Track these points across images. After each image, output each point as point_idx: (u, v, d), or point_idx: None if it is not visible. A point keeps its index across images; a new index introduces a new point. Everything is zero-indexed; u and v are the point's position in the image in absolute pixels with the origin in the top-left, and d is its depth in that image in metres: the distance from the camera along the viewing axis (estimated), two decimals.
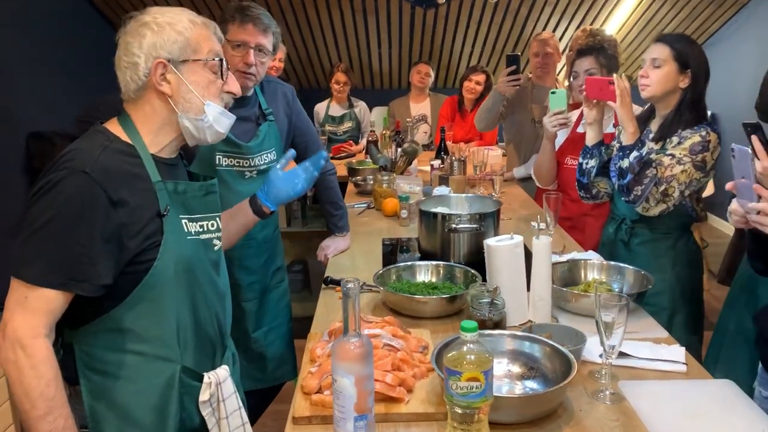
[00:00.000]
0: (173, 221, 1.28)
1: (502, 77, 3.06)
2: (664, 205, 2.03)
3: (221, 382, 1.35)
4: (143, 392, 1.26)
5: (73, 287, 1.17)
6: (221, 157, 2.03)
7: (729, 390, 1.35)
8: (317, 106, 4.93)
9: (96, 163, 1.18)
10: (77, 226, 1.16)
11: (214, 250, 1.39)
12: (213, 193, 1.39)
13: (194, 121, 1.30)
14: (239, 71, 1.97)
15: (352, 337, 1.06)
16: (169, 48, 1.25)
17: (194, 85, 1.28)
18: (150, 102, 1.28)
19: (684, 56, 2.01)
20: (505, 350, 1.41)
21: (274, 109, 2.16)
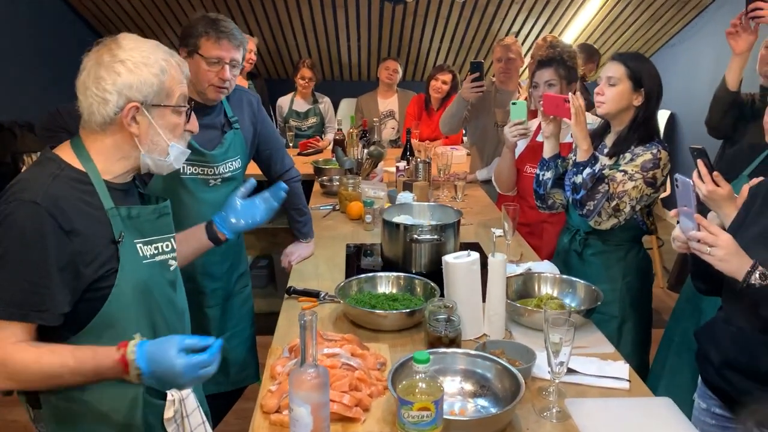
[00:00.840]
0: (128, 246, 1.30)
1: (465, 84, 3.11)
2: (615, 220, 2.11)
3: (184, 399, 1.38)
4: (107, 415, 1.28)
5: (34, 318, 1.18)
6: (186, 165, 2.03)
7: (667, 408, 1.43)
8: (280, 99, 4.91)
9: (46, 194, 1.19)
10: (32, 257, 1.17)
11: (170, 270, 1.42)
12: (167, 215, 1.42)
13: (156, 160, 1.32)
14: (214, 85, 1.98)
15: (309, 367, 1.11)
16: (144, 91, 1.26)
17: (162, 128, 1.31)
18: (113, 137, 1.29)
19: (638, 75, 2.09)
20: (458, 369, 1.48)
21: (239, 117, 2.17)
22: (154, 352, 1.22)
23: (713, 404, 1.65)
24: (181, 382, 1.25)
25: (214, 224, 1.67)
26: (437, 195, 3.19)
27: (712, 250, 1.43)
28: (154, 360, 1.21)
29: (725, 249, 1.41)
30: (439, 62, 6.18)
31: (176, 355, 1.21)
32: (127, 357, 1.21)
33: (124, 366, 1.21)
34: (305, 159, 4.13)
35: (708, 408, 1.67)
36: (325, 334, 1.61)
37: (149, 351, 1.22)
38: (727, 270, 1.42)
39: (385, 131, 4.83)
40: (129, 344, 1.22)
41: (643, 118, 2.11)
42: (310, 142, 4.51)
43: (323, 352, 1.47)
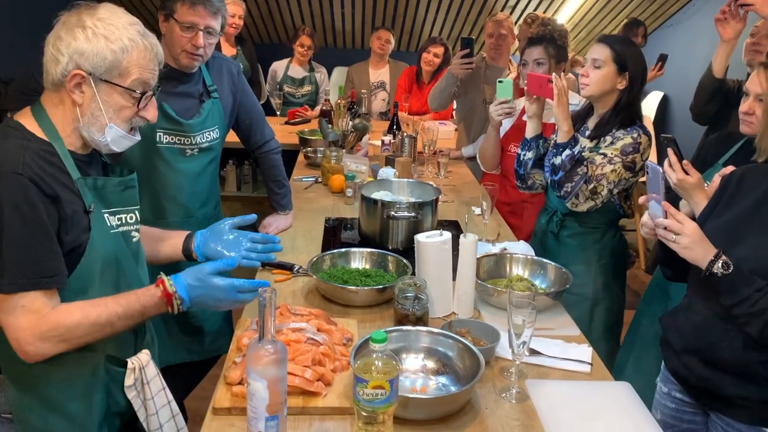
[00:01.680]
0: (97, 216, 1.30)
1: (455, 60, 3.09)
2: (592, 202, 2.12)
3: (144, 366, 1.39)
4: (68, 381, 1.30)
5: (48, 283, 1.20)
6: (161, 134, 2.02)
7: (625, 393, 1.46)
8: (275, 64, 4.86)
9: (24, 164, 1.18)
10: (30, 226, 1.17)
11: (133, 242, 1.43)
12: (132, 188, 1.41)
13: (93, 135, 1.29)
14: (186, 51, 1.96)
15: (266, 343, 1.12)
16: (94, 62, 1.23)
17: (105, 105, 1.27)
18: (63, 102, 1.28)
19: (623, 59, 2.08)
20: (421, 346, 1.50)
21: (219, 87, 2.15)
22: (191, 280, 1.33)
23: (674, 389, 1.68)
24: (222, 300, 1.36)
25: (192, 244, 1.63)
26: (421, 171, 3.19)
27: (677, 238, 1.44)
28: (193, 287, 1.33)
29: (690, 237, 1.43)
30: (433, 34, 6.11)
31: (213, 276, 1.34)
32: (168, 290, 1.30)
33: (167, 299, 1.31)
34: (291, 128, 4.11)
35: (669, 392, 1.70)
36: (292, 308, 1.62)
37: (187, 281, 1.33)
38: (691, 258, 1.44)
39: (376, 103, 4.80)
40: (164, 280, 1.32)
41: (626, 102, 2.11)
42: (298, 111, 4.48)
43: (289, 326, 1.49)
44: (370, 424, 1.15)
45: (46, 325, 1.20)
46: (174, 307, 1.32)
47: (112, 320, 1.26)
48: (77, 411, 1.31)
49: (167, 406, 1.44)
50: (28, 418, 1.29)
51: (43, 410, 1.29)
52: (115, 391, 1.36)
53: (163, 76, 1.97)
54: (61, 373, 1.29)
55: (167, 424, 1.42)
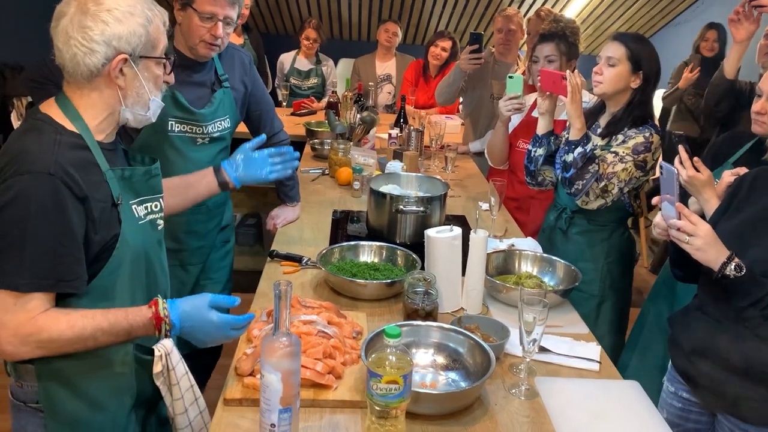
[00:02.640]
0: (126, 208, 1.30)
1: (463, 55, 3.08)
2: (602, 200, 2.12)
3: (169, 353, 1.40)
4: (98, 371, 1.29)
5: (64, 287, 1.19)
6: (173, 122, 2.01)
7: (634, 392, 1.46)
8: (282, 56, 4.85)
9: (56, 164, 1.17)
10: (55, 228, 1.16)
11: (158, 230, 1.43)
12: (157, 176, 1.41)
13: (137, 113, 1.31)
14: (205, 41, 1.94)
15: (281, 335, 1.12)
16: (133, 43, 1.23)
17: (146, 80, 1.29)
18: (99, 90, 1.26)
19: (638, 57, 2.07)
20: (431, 342, 1.50)
21: (230, 76, 2.14)
22: (188, 308, 1.29)
23: (681, 388, 1.68)
24: (213, 336, 1.31)
25: (225, 172, 1.69)
26: (428, 165, 3.18)
27: (690, 239, 1.44)
28: (188, 315, 1.28)
29: (703, 239, 1.43)
30: (441, 28, 6.10)
31: (210, 311, 1.30)
32: (159, 313, 1.26)
33: (157, 322, 1.26)
34: (298, 120, 4.10)
35: (675, 392, 1.70)
36: (303, 300, 1.62)
37: (182, 308, 1.29)
38: (703, 259, 1.44)
39: (382, 96, 4.78)
40: (159, 302, 1.27)
41: (639, 101, 2.11)
42: (304, 103, 4.47)
43: (300, 319, 1.49)
44: (383, 419, 1.15)
45: (32, 328, 1.18)
46: (161, 331, 1.27)
47: (96, 334, 1.22)
48: (107, 400, 1.31)
49: (191, 390, 1.45)
50: (57, 408, 1.28)
51: (75, 401, 1.28)
52: (144, 378, 1.36)
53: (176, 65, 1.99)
54: (93, 363, 1.28)
55: (191, 407, 1.43)
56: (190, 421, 1.41)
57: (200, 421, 1.44)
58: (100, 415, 1.31)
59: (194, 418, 1.42)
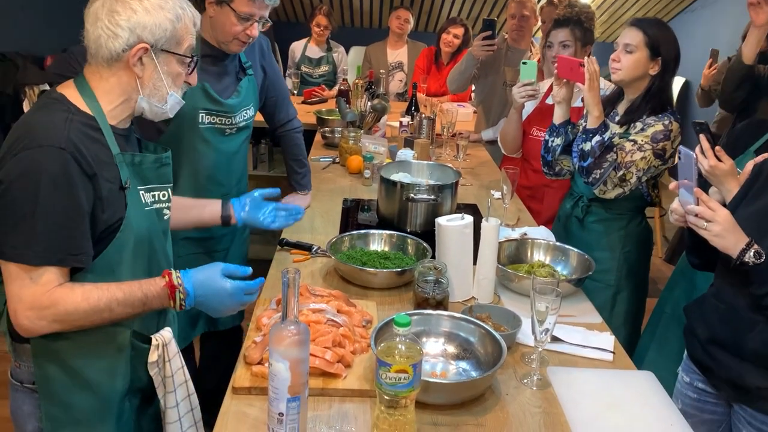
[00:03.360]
0: (133, 193, 1.30)
1: (476, 41, 3.04)
2: (620, 189, 2.09)
3: (167, 344, 1.39)
4: (94, 355, 1.29)
5: (71, 261, 1.19)
6: (204, 114, 2.01)
7: (648, 382, 1.44)
8: (293, 44, 4.83)
9: (67, 139, 1.17)
10: (64, 202, 1.17)
11: (164, 220, 1.42)
12: (167, 165, 1.41)
13: (153, 105, 1.31)
14: (239, 40, 1.93)
15: (289, 324, 1.10)
16: (157, 34, 1.24)
17: (166, 74, 1.30)
18: (117, 75, 1.27)
19: (656, 44, 2.02)
20: (442, 331, 1.48)
21: (252, 62, 2.15)
22: (201, 277, 1.30)
23: (696, 379, 1.66)
24: (227, 304, 1.32)
25: (233, 209, 1.72)
26: (439, 153, 3.15)
27: (708, 225, 1.41)
28: (201, 284, 1.29)
29: (722, 225, 1.39)
30: (453, 15, 6.04)
31: (223, 278, 1.30)
32: (173, 282, 1.27)
33: (171, 291, 1.27)
34: (309, 108, 4.08)
35: (691, 382, 1.68)
36: (312, 288, 1.60)
37: (196, 276, 1.30)
38: (722, 246, 1.41)
39: (393, 83, 4.75)
40: (171, 272, 1.29)
41: (657, 88, 2.06)
42: (315, 91, 4.44)
43: (309, 307, 1.47)
44: (392, 408, 1.13)
45: (47, 301, 1.18)
46: (176, 301, 1.28)
47: (111, 306, 1.23)
48: (101, 384, 1.31)
49: (184, 385, 1.44)
50: (52, 389, 1.29)
51: (68, 383, 1.29)
52: (139, 367, 1.36)
53: (204, 55, 1.98)
54: (89, 347, 1.28)
55: (183, 402, 1.42)
56: (180, 416, 1.40)
57: (191, 418, 1.43)
58: (92, 398, 1.31)
59: (184, 414, 1.41)
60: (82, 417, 1.31)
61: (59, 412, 1.30)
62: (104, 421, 1.34)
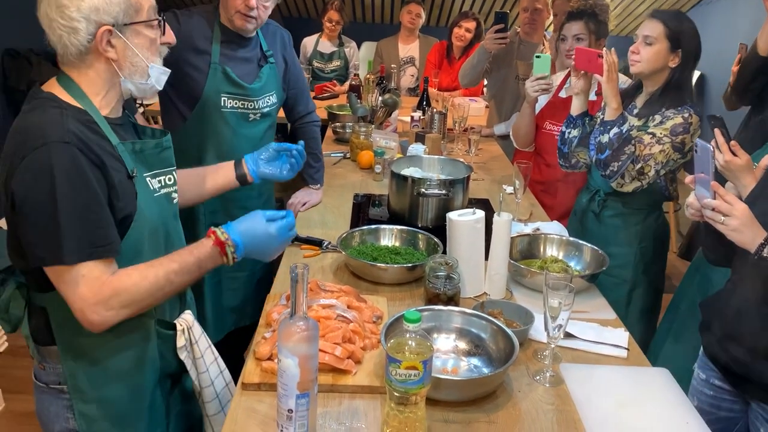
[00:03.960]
0: (141, 181, 1.28)
1: (489, 34, 3.01)
2: (638, 183, 2.06)
3: (191, 326, 1.40)
4: (122, 348, 1.29)
5: (101, 253, 1.18)
6: (226, 98, 2.04)
7: (663, 379, 1.41)
8: (305, 40, 4.81)
9: (69, 131, 1.15)
10: (82, 195, 1.15)
11: (173, 203, 1.41)
12: (168, 148, 1.39)
13: (138, 84, 1.28)
14: (240, 12, 1.95)
15: (298, 320, 1.09)
16: (113, 12, 1.19)
17: (139, 47, 1.25)
18: (93, 66, 1.24)
19: (676, 35, 1.99)
20: (453, 327, 1.46)
21: (273, 52, 2.17)
22: (245, 226, 1.32)
23: (712, 375, 1.63)
24: (275, 246, 1.36)
25: (246, 166, 1.69)
26: (451, 148, 3.13)
27: (726, 220, 1.38)
28: (246, 232, 1.31)
29: (740, 219, 1.37)
30: (465, 9, 6.00)
31: (266, 223, 1.33)
32: (220, 238, 1.29)
33: (221, 247, 1.29)
34: (320, 103, 4.05)
35: (707, 379, 1.65)
36: (323, 284, 1.59)
37: (239, 227, 1.32)
38: (739, 241, 1.38)
39: (404, 78, 4.72)
40: (216, 230, 1.30)
41: (677, 81, 2.02)
42: (326, 86, 4.43)
43: (319, 303, 1.46)
44: (403, 405, 1.12)
45: (108, 291, 1.18)
46: (228, 256, 1.29)
47: (170, 277, 1.24)
48: (132, 376, 1.31)
49: (215, 363, 1.45)
50: (83, 387, 1.28)
51: (99, 378, 1.29)
52: (167, 353, 1.36)
53: (224, 41, 2.03)
54: (116, 341, 1.28)
55: (217, 379, 1.44)
56: (217, 393, 1.42)
57: (227, 393, 1.45)
58: (124, 390, 1.31)
59: (221, 391, 1.43)
60: (116, 411, 1.32)
61: (92, 409, 1.30)
62: (138, 411, 1.34)
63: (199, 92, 1.99)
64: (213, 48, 2.02)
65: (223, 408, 1.43)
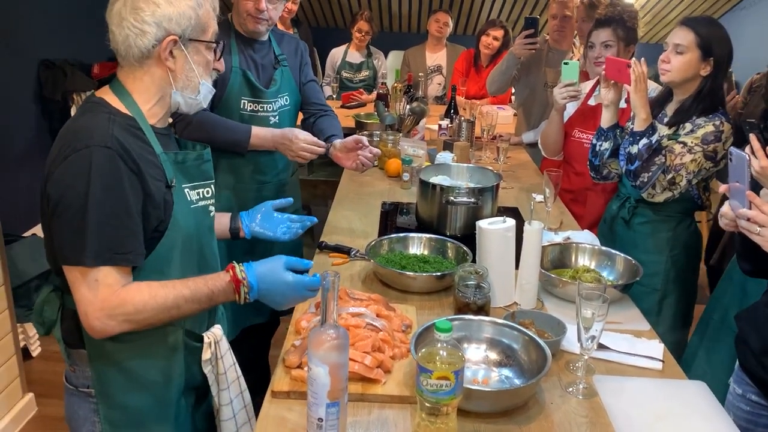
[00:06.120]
0: (179, 191, 1.30)
1: (519, 39, 3.00)
2: (669, 193, 2.03)
3: (218, 341, 1.40)
4: (150, 356, 1.30)
5: (120, 260, 1.19)
6: (245, 102, 2.12)
7: (700, 392, 1.38)
8: (333, 51, 4.85)
9: (113, 138, 1.18)
10: (114, 200, 1.17)
11: (209, 216, 1.43)
12: (208, 161, 1.41)
13: (187, 98, 1.31)
14: (251, 15, 2.04)
15: (329, 328, 1.09)
16: (183, 24, 1.24)
17: (196, 64, 1.29)
18: (150, 72, 1.27)
19: (708, 43, 1.95)
20: (484, 337, 1.45)
21: (290, 62, 2.25)
22: (264, 270, 1.31)
23: (749, 391, 1.58)
24: (288, 296, 1.33)
25: (240, 222, 1.68)
26: (479, 156, 3.11)
27: (762, 231, 1.35)
28: (264, 277, 1.30)
29: None
30: (492, 17, 5.98)
31: (285, 271, 1.31)
32: (237, 276, 1.28)
33: (236, 285, 1.28)
34: (347, 112, 4.08)
35: (743, 394, 1.60)
36: (352, 292, 1.59)
37: (258, 269, 1.31)
38: None
39: (431, 87, 4.72)
40: (235, 266, 1.30)
41: (709, 89, 1.99)
42: (353, 95, 4.45)
43: (348, 311, 1.46)
44: (434, 416, 1.11)
45: (116, 301, 1.19)
46: (241, 295, 1.29)
47: (179, 303, 1.24)
48: (157, 385, 1.32)
49: (237, 381, 1.45)
50: (109, 392, 1.30)
51: (125, 384, 1.30)
52: (193, 366, 1.37)
53: (241, 46, 2.12)
54: (144, 348, 1.29)
55: (236, 398, 1.44)
56: (234, 413, 1.40)
57: (244, 415, 1.44)
58: (149, 399, 1.32)
59: (238, 411, 1.42)
60: (140, 418, 1.32)
61: (117, 415, 1.31)
62: (162, 421, 1.35)
63: (220, 95, 2.06)
64: (232, 54, 2.10)
65: (238, 429, 1.43)
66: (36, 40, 4.14)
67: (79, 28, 4.51)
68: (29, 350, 3.08)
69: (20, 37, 3.96)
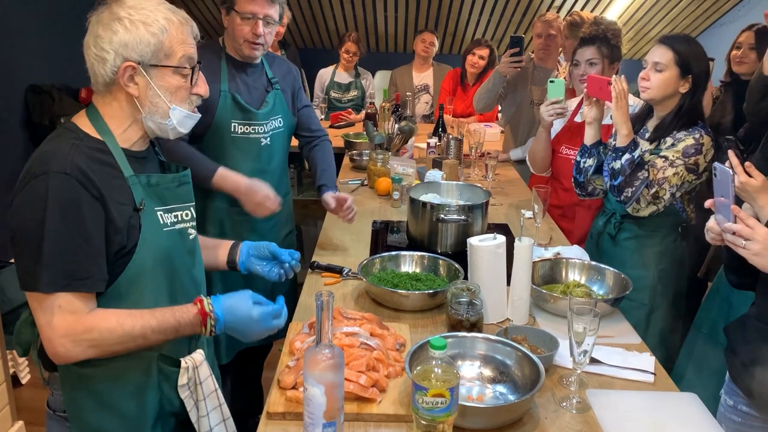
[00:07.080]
0: (149, 214, 1.30)
1: (504, 58, 3.04)
2: (654, 207, 2.05)
3: (198, 366, 1.38)
4: (120, 380, 1.30)
5: (78, 286, 1.19)
6: (236, 124, 2.11)
7: (692, 404, 1.39)
8: (321, 71, 4.88)
9: (71, 163, 1.19)
10: (71, 227, 1.17)
11: (189, 239, 1.41)
12: (186, 183, 1.41)
13: (158, 123, 1.30)
14: (248, 41, 2.05)
15: (324, 347, 1.10)
16: (140, 50, 1.23)
17: (162, 89, 1.28)
18: (117, 99, 1.28)
19: (686, 61, 2.00)
20: (477, 353, 1.45)
21: (282, 85, 2.25)
22: (230, 303, 1.31)
23: (740, 401, 1.60)
24: (256, 330, 1.33)
25: (240, 254, 1.64)
26: (468, 173, 3.14)
27: (747, 244, 1.37)
28: (230, 310, 1.30)
29: (762, 243, 1.36)
30: (477, 36, 6.05)
31: (251, 305, 1.32)
32: (205, 309, 1.29)
33: (203, 318, 1.29)
34: (336, 131, 4.11)
35: (734, 405, 1.62)
36: (345, 312, 1.60)
37: (225, 303, 1.31)
38: (762, 265, 1.37)
39: (419, 106, 4.77)
40: (203, 299, 1.30)
41: (689, 106, 2.03)
42: (342, 115, 4.48)
43: (342, 330, 1.46)
44: None
45: (82, 327, 1.19)
46: (207, 328, 1.29)
47: (146, 333, 1.24)
48: (130, 409, 1.31)
49: (218, 409, 1.43)
50: (81, 416, 1.29)
51: (97, 408, 1.29)
52: (169, 391, 1.35)
53: (231, 70, 2.12)
54: (114, 372, 1.28)
55: (217, 427, 1.41)
56: None
57: None
58: (121, 424, 1.31)
59: None
60: None
61: None
62: None
63: (210, 119, 2.05)
64: (222, 77, 2.10)
65: None
66: (24, 65, 4.14)
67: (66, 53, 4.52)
68: (18, 377, 3.04)
69: (8, 62, 3.96)
